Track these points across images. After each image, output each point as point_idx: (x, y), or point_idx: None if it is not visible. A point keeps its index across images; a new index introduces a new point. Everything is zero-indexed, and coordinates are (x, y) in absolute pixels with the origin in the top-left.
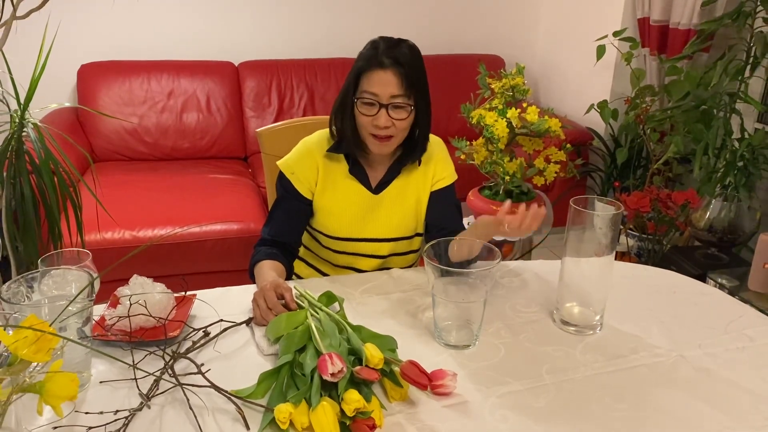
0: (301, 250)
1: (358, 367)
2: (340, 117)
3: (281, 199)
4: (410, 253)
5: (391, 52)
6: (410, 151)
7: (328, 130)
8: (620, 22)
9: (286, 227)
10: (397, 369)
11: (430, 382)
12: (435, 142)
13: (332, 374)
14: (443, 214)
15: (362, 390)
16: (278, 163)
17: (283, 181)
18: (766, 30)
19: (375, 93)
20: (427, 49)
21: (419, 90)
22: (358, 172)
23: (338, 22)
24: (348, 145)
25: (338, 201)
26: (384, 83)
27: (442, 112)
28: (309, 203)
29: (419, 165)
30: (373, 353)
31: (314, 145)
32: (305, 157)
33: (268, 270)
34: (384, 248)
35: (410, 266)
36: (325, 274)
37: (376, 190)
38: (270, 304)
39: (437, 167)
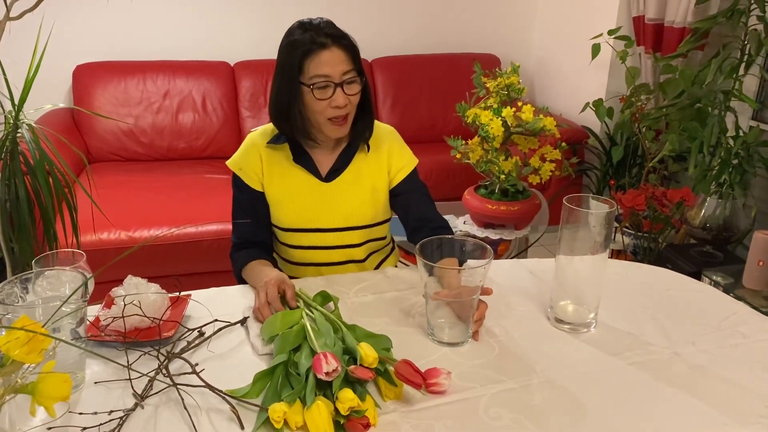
0: None
1: (352, 367)
2: (285, 111)
3: (238, 200)
4: (370, 242)
5: (327, 30)
6: (359, 133)
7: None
8: (615, 20)
9: (252, 226)
10: (391, 368)
11: (424, 380)
12: (386, 130)
13: (327, 373)
14: (416, 207)
15: (357, 389)
16: (227, 162)
17: (235, 180)
18: (760, 28)
19: (327, 74)
20: (423, 48)
21: (360, 62)
22: (303, 160)
23: (333, 20)
24: (297, 134)
25: (286, 190)
26: (334, 62)
27: (438, 111)
28: (263, 196)
29: (368, 150)
30: (367, 352)
31: (257, 137)
32: (249, 150)
33: (263, 267)
34: (341, 238)
35: (371, 254)
36: (291, 277)
37: (327, 178)
38: (270, 298)
39: (392, 157)
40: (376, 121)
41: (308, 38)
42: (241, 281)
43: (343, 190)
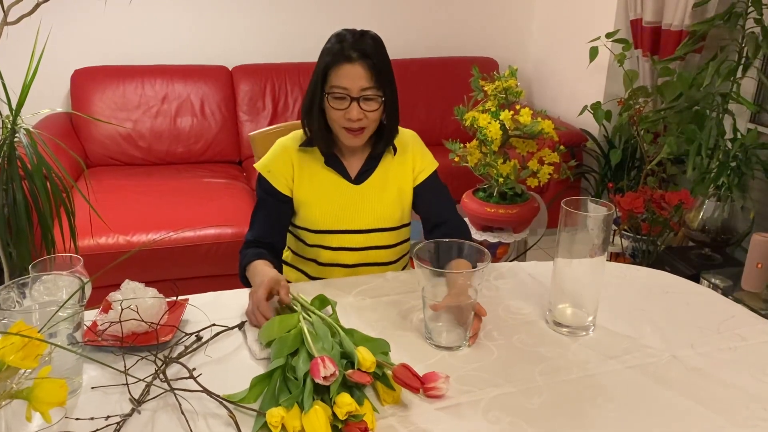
0: (289, 254)
1: (350, 371)
2: (308, 114)
3: (261, 201)
4: (398, 245)
5: (358, 45)
6: (383, 141)
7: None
8: (613, 23)
9: (270, 228)
10: (389, 372)
11: (422, 384)
12: (409, 134)
13: (324, 377)
14: (435, 205)
15: (354, 393)
16: (255, 165)
17: (261, 183)
18: (757, 30)
19: (345, 87)
20: (421, 51)
21: (387, 80)
22: (334, 163)
23: (332, 25)
24: (318, 140)
25: (317, 192)
26: (353, 77)
27: (436, 115)
28: (289, 201)
29: (395, 154)
30: (365, 356)
31: (288, 141)
32: (280, 154)
33: (263, 267)
34: (370, 239)
35: (400, 258)
36: (312, 277)
37: (356, 180)
38: (255, 303)
39: (416, 158)
40: (399, 127)
41: (337, 49)
42: (244, 279)
43: (372, 192)
